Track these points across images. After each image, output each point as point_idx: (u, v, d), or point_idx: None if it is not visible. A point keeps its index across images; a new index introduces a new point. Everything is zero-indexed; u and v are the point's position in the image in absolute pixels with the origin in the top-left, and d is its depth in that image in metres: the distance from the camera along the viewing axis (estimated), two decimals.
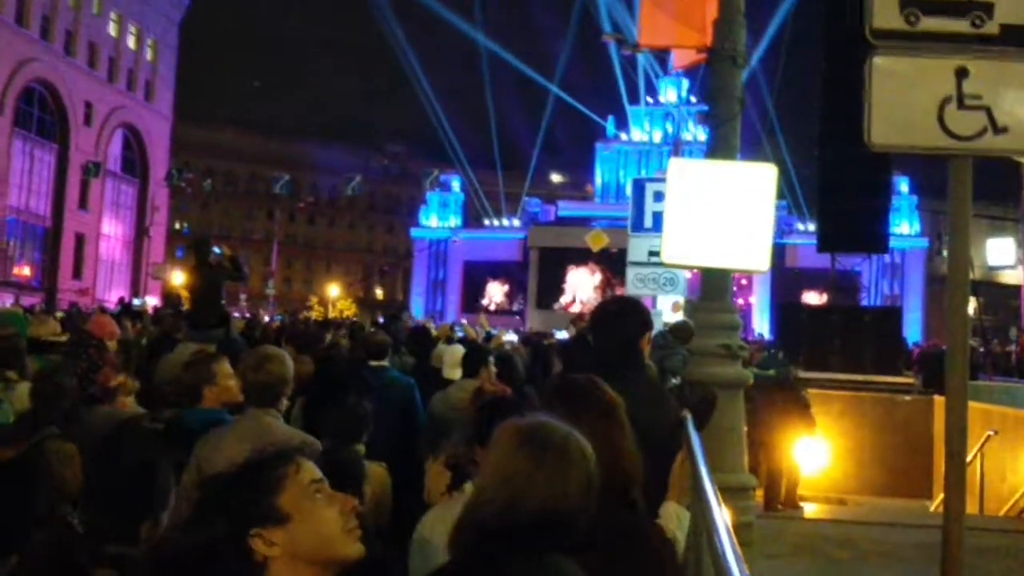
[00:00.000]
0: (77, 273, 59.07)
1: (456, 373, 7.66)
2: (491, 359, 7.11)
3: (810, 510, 10.94)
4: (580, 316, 18.98)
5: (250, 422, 4.09)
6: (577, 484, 2.04)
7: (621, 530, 2.52)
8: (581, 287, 65.26)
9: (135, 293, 53.29)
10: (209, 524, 1.87)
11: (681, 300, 13.57)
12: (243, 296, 63.76)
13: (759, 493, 10.73)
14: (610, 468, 2.47)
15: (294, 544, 1.88)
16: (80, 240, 59.47)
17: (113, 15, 62.44)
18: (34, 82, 54.97)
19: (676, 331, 9.29)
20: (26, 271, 56.46)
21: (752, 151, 48.76)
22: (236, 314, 25.11)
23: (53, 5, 56.30)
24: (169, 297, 37.33)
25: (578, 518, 2.03)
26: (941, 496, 9.81)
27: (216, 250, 10.51)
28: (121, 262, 64.33)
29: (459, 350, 7.96)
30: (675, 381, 5.82)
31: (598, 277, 63.44)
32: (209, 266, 9.92)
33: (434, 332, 12.52)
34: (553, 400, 2.83)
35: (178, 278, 73.91)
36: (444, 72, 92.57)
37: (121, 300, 31.03)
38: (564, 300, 65.56)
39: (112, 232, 63.07)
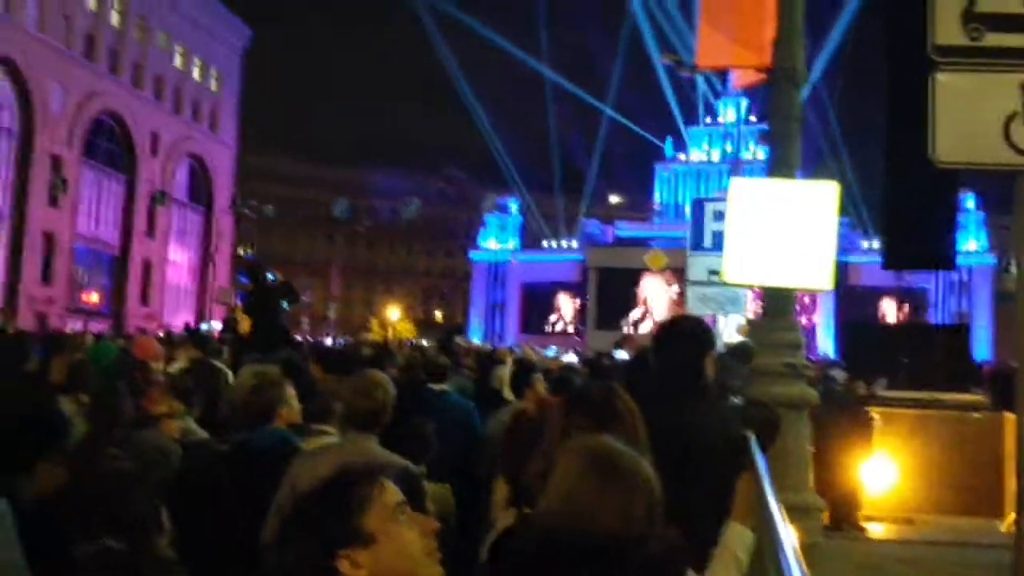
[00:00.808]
0: (144, 299, 60.29)
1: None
2: (538, 376, 7.08)
3: (877, 530, 10.74)
4: (626, 338, 18.88)
5: (349, 444, 4.15)
6: (642, 509, 2.04)
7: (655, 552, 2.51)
8: (655, 299, 63.99)
9: (200, 318, 54.20)
10: (298, 543, 1.88)
11: (744, 321, 13.47)
12: (305, 320, 64.49)
13: (825, 514, 10.59)
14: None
15: (379, 566, 1.87)
16: (147, 266, 60.75)
17: (179, 48, 63.93)
18: (102, 114, 56.43)
19: (736, 352, 9.22)
20: (95, 297, 57.78)
21: (814, 167, 48.29)
22: (298, 337, 25.40)
23: (121, 39, 57.83)
24: (227, 321, 37.78)
25: (641, 543, 2.03)
26: (1011, 515, 9.58)
27: (270, 276, 10.78)
28: (187, 288, 65.57)
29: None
30: (736, 401, 5.77)
31: (675, 289, 61.92)
32: (266, 288, 10.13)
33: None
34: (573, 410, 2.81)
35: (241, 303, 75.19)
36: (501, 96, 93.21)
37: (187, 325, 31.55)
38: (634, 316, 64.50)
39: (178, 259, 64.35)
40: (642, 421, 2.79)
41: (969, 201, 58.27)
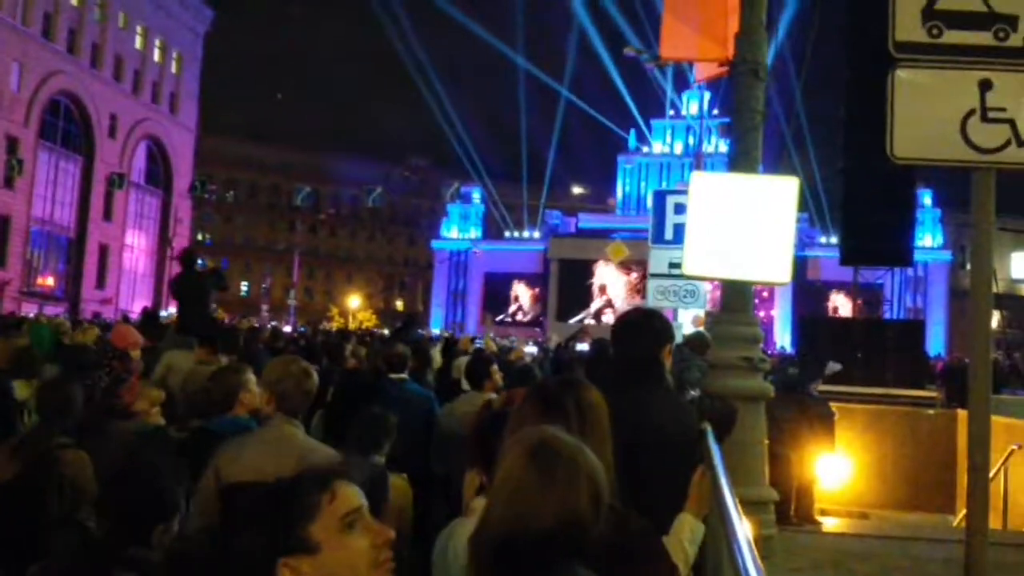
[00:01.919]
0: (100, 283, 59.54)
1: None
2: (494, 367, 7.06)
3: (832, 524, 10.85)
4: (582, 330, 18.97)
5: (274, 431, 4.11)
6: (588, 497, 2.03)
7: (629, 537, 2.50)
8: (614, 288, 64.43)
9: (158, 303, 53.63)
10: (239, 542, 1.86)
11: (702, 313, 13.54)
12: (264, 307, 64.06)
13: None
14: None
15: (321, 574, 1.84)
16: (104, 250, 59.96)
17: (139, 28, 63.08)
18: (60, 94, 55.56)
19: (692, 343, 9.26)
20: (50, 281, 56.96)
21: (777, 162, 48.64)
22: (256, 324, 25.19)
23: (79, 19, 56.93)
24: None
25: (590, 531, 2.02)
26: (964, 511, 9.73)
27: (200, 262, 11.08)
28: (144, 272, 64.81)
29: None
30: (693, 393, 5.80)
31: (634, 276, 62.13)
32: (197, 274, 10.46)
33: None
34: (529, 403, 2.80)
35: None
36: (466, 87, 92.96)
37: (145, 310, 31.19)
38: (595, 306, 64.94)
39: (135, 243, 63.60)
40: (606, 414, 2.77)
41: (926, 198, 59.09)
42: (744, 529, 2.52)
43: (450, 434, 6.19)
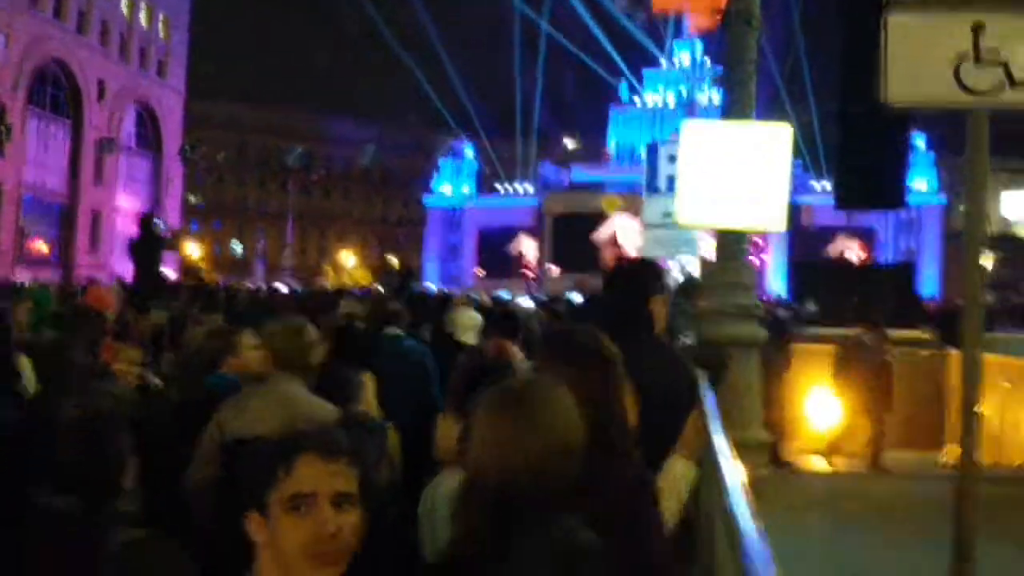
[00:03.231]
0: (93, 248, 59.37)
1: (470, 337, 7.70)
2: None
3: (822, 463, 11.00)
4: (581, 280, 18.99)
5: (274, 389, 4.15)
6: (566, 436, 2.05)
7: (623, 485, 2.53)
8: (625, 237, 62.59)
9: None
10: (223, 490, 1.92)
11: (696, 263, 13.55)
12: (260, 267, 64.00)
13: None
14: (609, 423, 2.48)
15: (273, 540, 1.87)
16: (96, 215, 59.72)
17: None
18: (47, 61, 55.00)
19: (683, 288, 9.27)
20: (43, 247, 56.79)
21: (771, 108, 48.39)
22: (250, 285, 25.19)
23: None
24: (189, 271, 37.64)
25: (570, 471, 2.04)
26: (951, 447, 9.83)
27: (158, 221, 11.57)
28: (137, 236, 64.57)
29: (470, 314, 8.00)
30: (685, 341, 5.83)
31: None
32: (154, 237, 10.74)
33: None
34: (548, 351, 2.82)
35: (194, 251, 74.38)
36: (456, 41, 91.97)
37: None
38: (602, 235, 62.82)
39: (127, 206, 63.29)
40: (621, 361, 2.79)
41: (919, 141, 58.88)
42: (736, 470, 2.55)
43: None
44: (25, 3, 52.51)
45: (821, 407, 11.27)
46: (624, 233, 62.91)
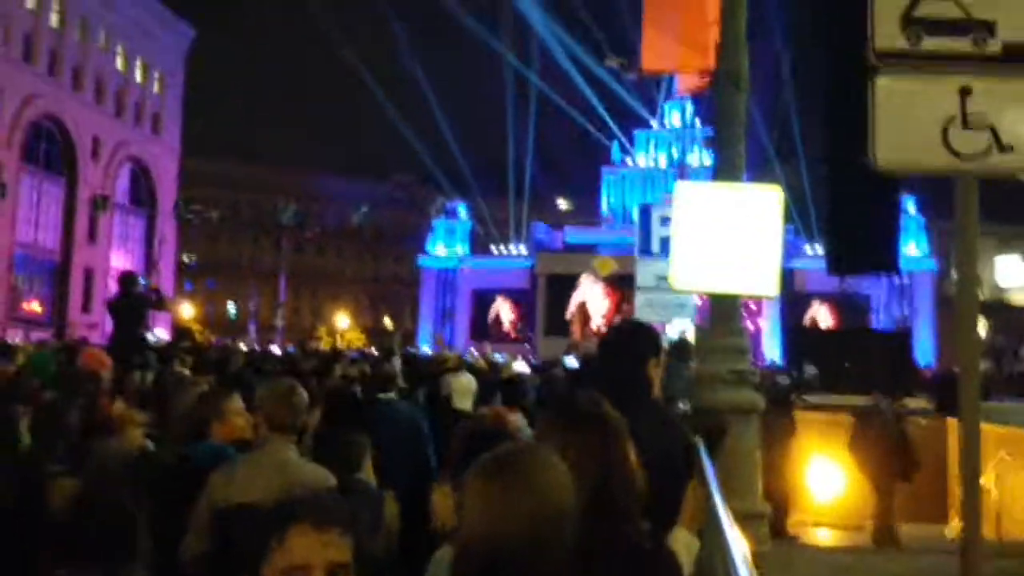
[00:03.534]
0: (87, 307, 59.20)
1: (466, 403, 7.64)
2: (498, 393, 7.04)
3: (825, 536, 10.82)
4: (574, 344, 18.96)
5: (267, 454, 4.08)
6: (558, 502, 2.02)
7: (627, 552, 2.48)
8: (592, 300, 64.39)
9: (145, 327, 53.25)
10: (221, 558, 1.87)
11: (690, 327, 13.52)
12: (252, 328, 63.82)
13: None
14: (610, 490, 2.44)
15: None
16: (89, 274, 59.65)
17: (120, 49, 62.94)
18: (42, 117, 55.35)
19: (676, 349, 9.23)
20: (35, 306, 56.59)
21: (762, 172, 48.77)
22: (243, 346, 25.08)
23: (60, 41, 56.79)
24: (180, 331, 37.55)
25: (563, 538, 2.00)
26: (957, 520, 9.69)
27: (142, 281, 11.87)
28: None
29: (466, 379, 7.95)
30: (683, 407, 5.77)
31: (608, 301, 62.82)
32: (134, 296, 10.94)
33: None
34: (549, 416, 2.80)
35: (187, 311, 74.22)
36: (449, 102, 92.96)
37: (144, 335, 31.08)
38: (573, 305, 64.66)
39: (121, 265, 63.18)
40: (626, 429, 2.76)
41: (910, 205, 59.27)
42: (740, 543, 2.49)
43: None
44: (19, 59, 52.97)
45: (823, 477, 11.13)
46: (593, 302, 63.55)
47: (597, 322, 62.79)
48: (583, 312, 64.27)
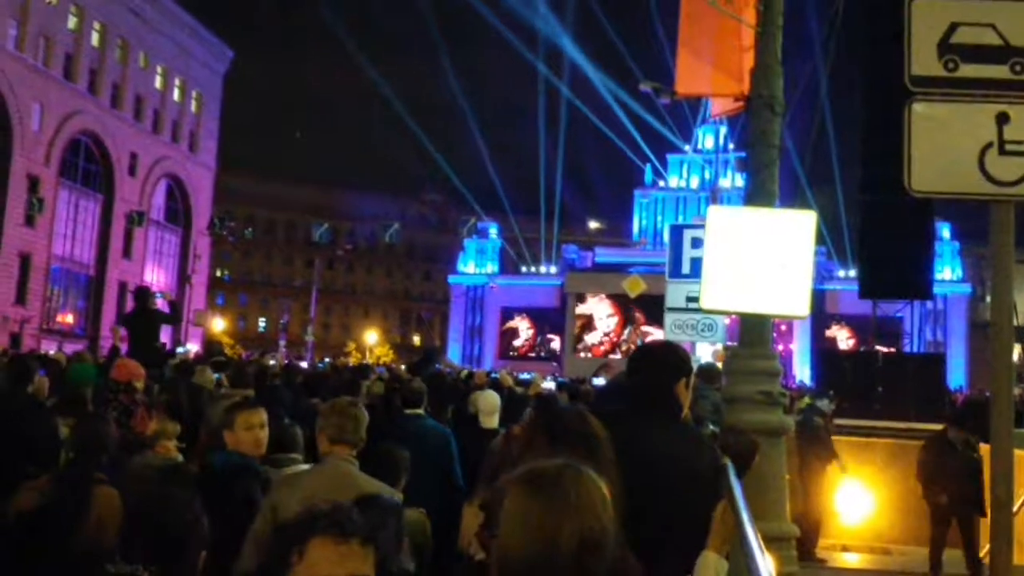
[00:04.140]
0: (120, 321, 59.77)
1: (492, 421, 7.65)
2: (528, 410, 7.06)
3: (853, 560, 10.72)
4: (606, 365, 18.93)
5: (329, 467, 4.12)
6: (599, 526, 2.01)
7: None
8: (599, 319, 65.22)
9: (177, 340, 53.78)
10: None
11: (721, 347, 13.47)
12: (282, 342, 64.19)
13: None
14: None
15: None
16: (123, 288, 60.27)
17: (159, 69, 63.85)
18: (80, 134, 56.20)
19: (703, 373, 9.20)
20: (69, 319, 57.26)
21: (795, 196, 48.57)
22: (272, 361, 25.23)
23: (101, 59, 57.68)
24: (210, 345, 37.87)
25: (606, 553, 2.00)
26: (987, 546, 9.53)
27: (159, 295, 12.17)
28: (163, 310, 64.98)
29: (492, 396, 7.95)
30: (712, 428, 5.75)
31: (615, 320, 63.73)
32: (149, 312, 11.43)
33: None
34: (534, 430, 2.79)
35: (219, 324, 74.79)
36: (483, 121, 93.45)
37: (163, 347, 31.34)
38: (590, 340, 65.33)
39: (155, 280, 63.88)
40: (609, 444, 2.75)
41: (944, 230, 58.84)
42: (768, 566, 2.49)
43: None
44: (60, 76, 53.83)
45: (852, 500, 11.04)
46: (599, 317, 63.99)
47: (600, 336, 63.32)
48: (587, 325, 64.80)
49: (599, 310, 65.58)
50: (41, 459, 4.96)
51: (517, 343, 68.71)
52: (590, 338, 65.89)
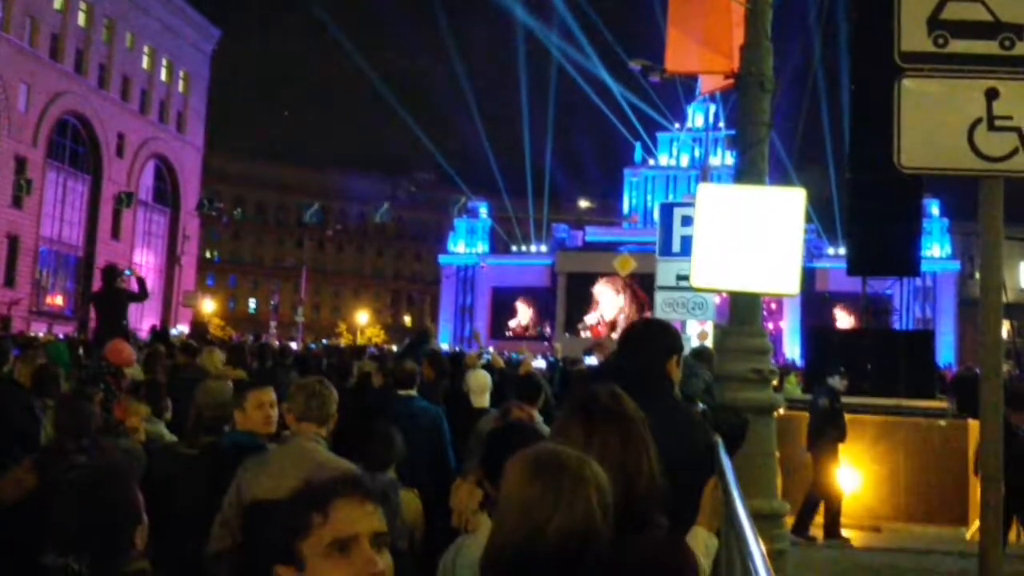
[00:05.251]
0: None
1: (483, 399, 7.65)
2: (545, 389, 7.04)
3: (845, 537, 10.77)
4: (598, 343, 18.91)
5: (294, 447, 4.11)
6: (598, 506, 2.01)
7: (647, 549, 2.47)
8: (607, 305, 65.26)
9: (166, 321, 53.69)
10: (245, 548, 1.87)
11: (707, 328, 13.47)
12: (273, 323, 64.12)
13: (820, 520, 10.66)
14: (631, 487, 2.43)
15: None
16: None
17: (146, 48, 63.39)
18: (67, 114, 55.84)
19: (697, 354, 9.23)
20: (59, 300, 57.08)
21: (785, 174, 48.66)
22: (264, 340, 25.21)
23: (87, 39, 57.24)
24: (197, 326, 37.86)
25: (600, 543, 2.00)
26: (976, 523, 9.62)
27: (127, 272, 11.97)
28: (153, 291, 64.82)
29: (483, 375, 7.95)
30: (701, 407, 5.76)
31: (622, 298, 63.67)
32: (116, 290, 11.27)
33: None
34: (572, 415, 2.77)
35: (208, 306, 74.66)
36: (472, 102, 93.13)
37: (153, 328, 31.30)
38: (589, 320, 65.46)
39: (144, 261, 63.72)
40: (645, 423, 2.74)
41: (933, 207, 58.95)
42: (759, 543, 2.50)
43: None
44: (46, 57, 53.42)
45: (842, 478, 11.11)
46: (608, 307, 64.20)
47: (610, 316, 63.52)
48: (589, 305, 65.04)
49: (607, 296, 65.68)
50: (23, 439, 4.94)
51: (512, 324, 68.73)
52: (589, 318, 65.93)
